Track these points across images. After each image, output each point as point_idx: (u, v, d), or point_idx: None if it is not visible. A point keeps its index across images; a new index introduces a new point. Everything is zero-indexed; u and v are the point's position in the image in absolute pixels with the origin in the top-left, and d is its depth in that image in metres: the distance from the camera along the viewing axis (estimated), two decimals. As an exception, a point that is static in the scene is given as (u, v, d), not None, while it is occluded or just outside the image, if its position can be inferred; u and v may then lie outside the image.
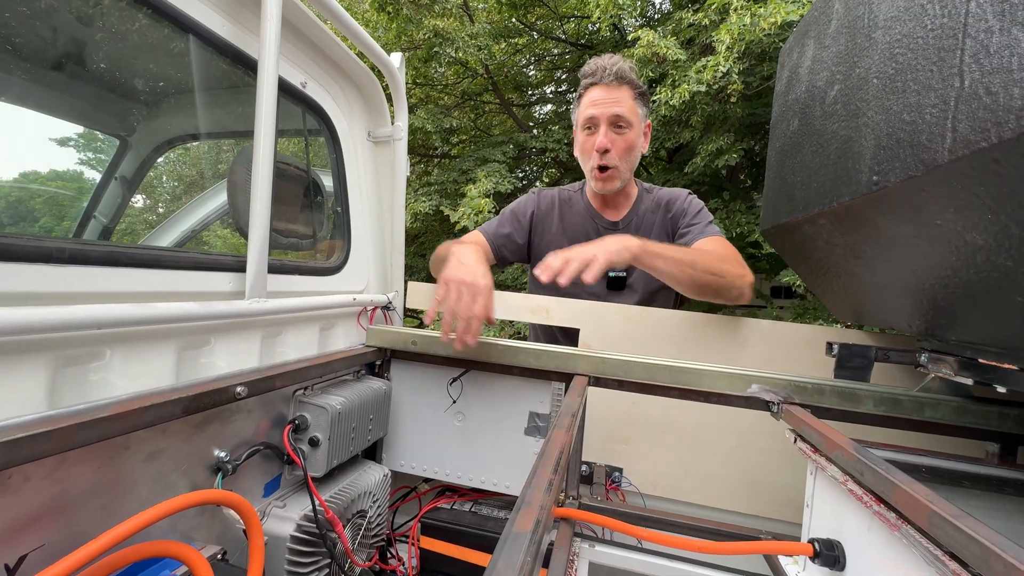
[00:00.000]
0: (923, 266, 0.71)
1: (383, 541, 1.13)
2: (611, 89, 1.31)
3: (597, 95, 1.32)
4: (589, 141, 1.35)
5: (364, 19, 7.29)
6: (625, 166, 1.37)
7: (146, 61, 1.14)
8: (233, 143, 1.51)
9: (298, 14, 1.02)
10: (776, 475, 1.08)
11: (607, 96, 1.31)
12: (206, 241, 1.87)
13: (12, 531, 0.51)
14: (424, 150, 8.60)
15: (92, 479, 0.59)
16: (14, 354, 0.57)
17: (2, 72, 0.97)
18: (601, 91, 1.32)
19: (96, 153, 1.61)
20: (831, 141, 0.81)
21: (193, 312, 0.76)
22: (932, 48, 0.58)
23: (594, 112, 1.32)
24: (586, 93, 1.36)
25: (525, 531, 0.39)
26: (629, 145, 1.35)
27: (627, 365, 0.99)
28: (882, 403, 0.87)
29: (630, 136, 1.35)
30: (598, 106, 1.32)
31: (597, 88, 1.33)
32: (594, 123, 1.34)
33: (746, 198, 6.42)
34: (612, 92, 1.31)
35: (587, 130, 1.36)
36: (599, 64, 1.34)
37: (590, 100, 1.34)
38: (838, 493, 0.70)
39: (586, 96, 1.36)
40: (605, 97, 1.31)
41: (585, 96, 1.36)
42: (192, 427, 0.73)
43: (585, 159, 1.40)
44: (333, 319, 1.20)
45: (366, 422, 1.05)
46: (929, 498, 0.48)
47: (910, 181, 0.61)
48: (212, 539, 0.78)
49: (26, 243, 0.59)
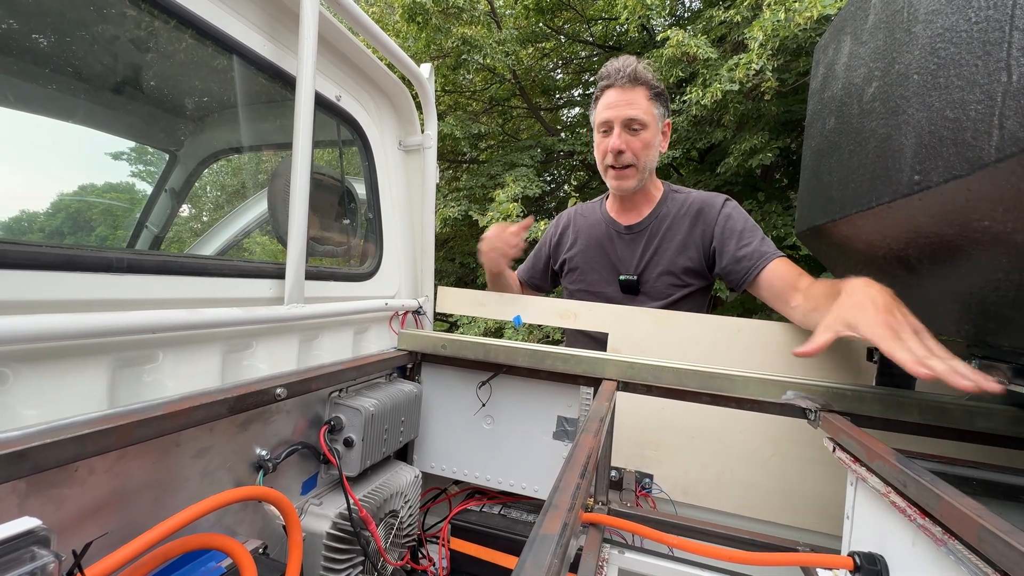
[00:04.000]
0: (971, 269, 0.67)
1: (414, 541, 1.15)
2: (625, 91, 1.32)
3: (612, 98, 1.34)
4: (604, 143, 1.37)
5: (395, 30, 7.47)
6: (642, 164, 1.36)
7: (193, 80, 1.21)
8: (271, 154, 1.58)
9: (333, 30, 1.07)
10: (813, 485, 1.05)
11: (621, 98, 1.32)
12: (246, 248, 1.96)
13: (79, 519, 0.55)
14: (453, 156, 8.72)
15: (147, 473, 0.63)
16: (80, 356, 0.61)
17: (65, 93, 1.05)
18: (616, 94, 1.33)
19: (147, 166, 1.72)
20: (869, 140, 0.78)
21: (237, 317, 0.80)
22: (977, 42, 0.55)
23: (608, 115, 1.34)
24: (602, 96, 1.37)
25: (552, 534, 0.40)
26: (645, 144, 1.35)
27: (656, 370, 0.98)
28: (928, 412, 0.83)
29: (646, 136, 1.34)
30: (612, 108, 1.33)
31: (612, 91, 1.34)
32: (609, 126, 1.35)
33: (782, 198, 6.21)
34: (626, 94, 1.32)
35: (603, 132, 1.38)
36: (613, 67, 1.34)
37: (605, 103, 1.35)
38: (880, 505, 0.67)
39: (602, 99, 1.37)
40: (619, 100, 1.32)
41: (601, 99, 1.38)
42: (236, 426, 0.77)
43: (600, 159, 1.41)
44: (366, 323, 1.24)
45: (398, 424, 1.07)
46: (978, 512, 0.46)
47: (955, 181, 0.58)
48: (254, 533, 0.82)
49: (89, 254, 0.64)
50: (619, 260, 1.45)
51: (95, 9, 0.88)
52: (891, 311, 0.77)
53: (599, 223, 1.51)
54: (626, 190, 1.40)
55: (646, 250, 1.43)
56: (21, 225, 1.48)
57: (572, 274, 1.53)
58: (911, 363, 0.69)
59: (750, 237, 1.29)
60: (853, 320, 0.80)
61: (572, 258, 1.53)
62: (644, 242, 1.43)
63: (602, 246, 1.48)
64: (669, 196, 1.45)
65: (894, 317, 0.76)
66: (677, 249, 1.39)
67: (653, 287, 1.41)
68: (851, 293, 0.85)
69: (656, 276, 1.40)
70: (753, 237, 1.30)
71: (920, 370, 0.67)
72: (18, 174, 1.24)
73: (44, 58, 0.92)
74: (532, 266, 1.67)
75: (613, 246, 1.47)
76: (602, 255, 1.47)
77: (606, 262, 1.47)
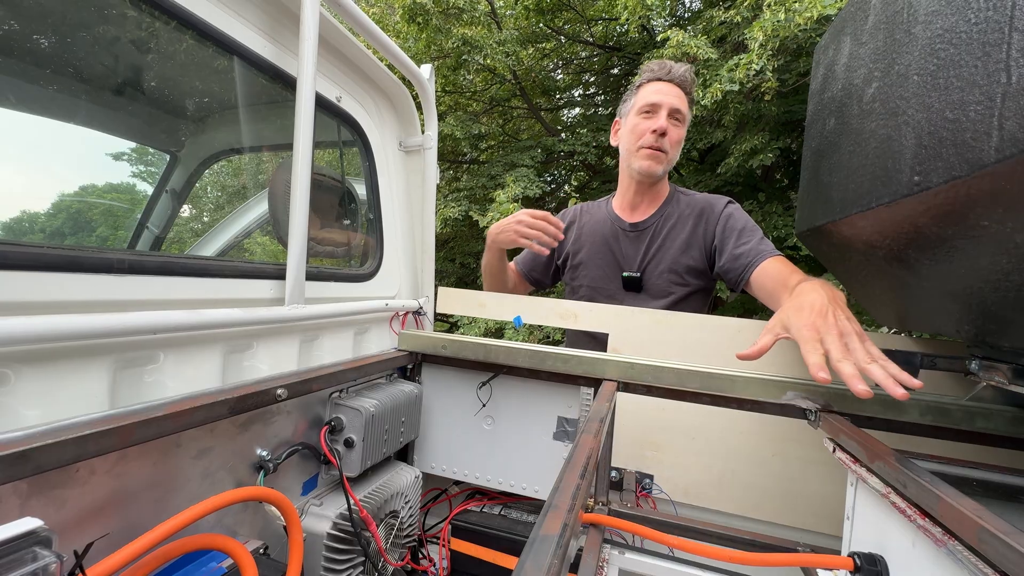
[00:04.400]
0: (971, 269, 0.67)
1: (415, 542, 1.15)
2: (674, 87, 1.38)
3: (662, 87, 1.37)
4: (645, 123, 1.37)
5: (395, 30, 7.47)
6: (671, 155, 1.40)
7: (194, 81, 1.21)
8: (272, 155, 1.58)
9: (333, 31, 1.07)
10: (813, 485, 1.05)
11: (672, 90, 1.37)
12: (246, 248, 1.96)
13: (80, 520, 0.55)
14: (453, 156, 8.72)
15: (148, 474, 0.63)
16: (82, 357, 0.61)
17: (67, 94, 1.05)
18: (666, 85, 1.38)
19: (147, 167, 1.72)
20: (869, 140, 0.79)
21: (237, 318, 0.80)
22: (976, 43, 0.55)
23: (659, 99, 1.36)
24: (648, 84, 1.40)
25: (552, 534, 0.40)
26: (680, 139, 1.40)
27: (656, 370, 0.98)
28: (928, 412, 0.83)
29: (681, 132, 1.41)
30: (663, 95, 1.36)
31: (661, 83, 1.38)
32: (655, 108, 1.37)
33: (783, 199, 6.21)
34: (675, 89, 1.38)
35: (645, 114, 1.39)
36: (668, 64, 1.40)
37: (655, 89, 1.38)
38: (880, 505, 0.68)
39: (649, 86, 1.40)
40: (670, 90, 1.37)
41: (647, 86, 1.40)
42: (237, 427, 0.77)
43: (635, 140, 1.40)
44: (367, 324, 1.24)
45: (398, 424, 1.08)
46: (978, 513, 0.46)
47: (955, 181, 0.58)
48: (254, 534, 0.82)
49: (91, 255, 0.65)
50: (623, 257, 1.47)
51: (96, 10, 0.88)
52: (824, 314, 0.77)
53: (604, 221, 1.53)
54: (653, 173, 1.40)
55: (650, 247, 1.44)
56: (22, 225, 1.49)
57: (576, 270, 1.55)
58: (813, 368, 0.69)
59: (749, 236, 1.31)
60: (787, 322, 0.80)
61: (576, 253, 1.54)
62: (648, 239, 1.45)
63: (607, 243, 1.49)
64: (675, 196, 1.48)
65: (824, 320, 0.76)
66: (681, 248, 1.41)
67: (655, 284, 1.42)
68: (797, 295, 0.86)
69: (659, 273, 1.42)
70: (752, 236, 1.31)
71: (819, 374, 0.68)
72: (19, 175, 1.24)
73: (46, 59, 0.92)
74: (534, 259, 1.64)
75: (618, 243, 1.49)
76: (606, 252, 1.48)
77: (610, 259, 1.48)
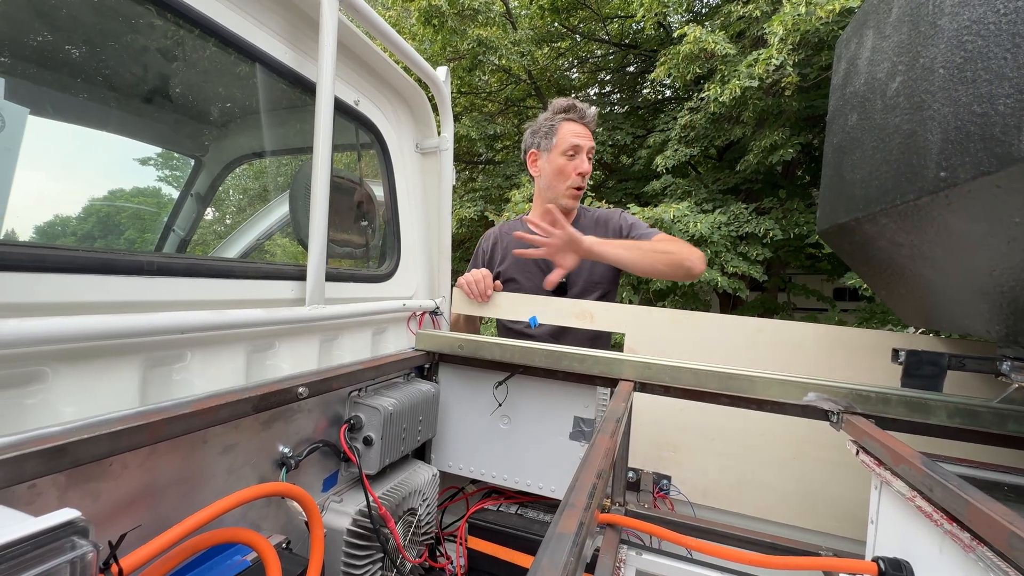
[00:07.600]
0: (1002, 267, 0.65)
1: (432, 539, 1.16)
2: (586, 127, 1.60)
3: (579, 129, 1.58)
4: (571, 165, 1.58)
5: (411, 33, 7.54)
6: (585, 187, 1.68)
7: (218, 88, 1.25)
8: (292, 158, 1.61)
9: (351, 37, 1.09)
10: (836, 488, 1.03)
11: (585, 132, 1.59)
12: (267, 250, 2.00)
13: (114, 512, 0.57)
14: (469, 157, 8.76)
15: (176, 469, 0.65)
16: (114, 356, 0.64)
17: (97, 103, 1.09)
18: (582, 128, 1.59)
19: (172, 171, 1.77)
20: (893, 136, 0.77)
21: (260, 318, 0.82)
22: (1006, 34, 0.54)
23: (579, 142, 1.57)
24: (564, 125, 1.59)
25: (568, 532, 0.40)
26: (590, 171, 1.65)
27: (674, 371, 0.97)
28: (957, 414, 0.80)
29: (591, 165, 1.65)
30: (581, 138, 1.57)
31: (577, 124, 1.58)
32: (578, 151, 1.57)
33: (804, 196, 6.08)
34: (587, 130, 1.60)
35: (569, 156, 1.58)
36: (581, 107, 1.60)
37: (574, 132, 1.58)
38: (906, 510, 0.66)
39: (568, 127, 1.59)
40: (584, 132, 1.58)
41: (564, 127, 1.59)
42: (260, 424, 0.79)
43: (563, 180, 1.59)
44: (385, 324, 1.26)
45: (416, 423, 1.09)
46: (1008, 518, 0.45)
47: (983, 177, 0.57)
48: (277, 528, 0.84)
49: (122, 257, 0.67)
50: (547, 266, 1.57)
51: (124, 21, 0.91)
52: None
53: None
54: (576, 207, 1.67)
55: None
56: (55, 229, 1.55)
57: (508, 284, 1.66)
58: None
59: (642, 227, 1.61)
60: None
61: (505, 271, 1.67)
62: None
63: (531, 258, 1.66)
64: (582, 213, 1.73)
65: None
66: None
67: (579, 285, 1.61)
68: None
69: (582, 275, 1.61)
70: (643, 226, 1.62)
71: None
72: (53, 181, 1.29)
73: (77, 69, 0.96)
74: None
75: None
76: (532, 264, 1.63)
77: (536, 270, 1.63)
